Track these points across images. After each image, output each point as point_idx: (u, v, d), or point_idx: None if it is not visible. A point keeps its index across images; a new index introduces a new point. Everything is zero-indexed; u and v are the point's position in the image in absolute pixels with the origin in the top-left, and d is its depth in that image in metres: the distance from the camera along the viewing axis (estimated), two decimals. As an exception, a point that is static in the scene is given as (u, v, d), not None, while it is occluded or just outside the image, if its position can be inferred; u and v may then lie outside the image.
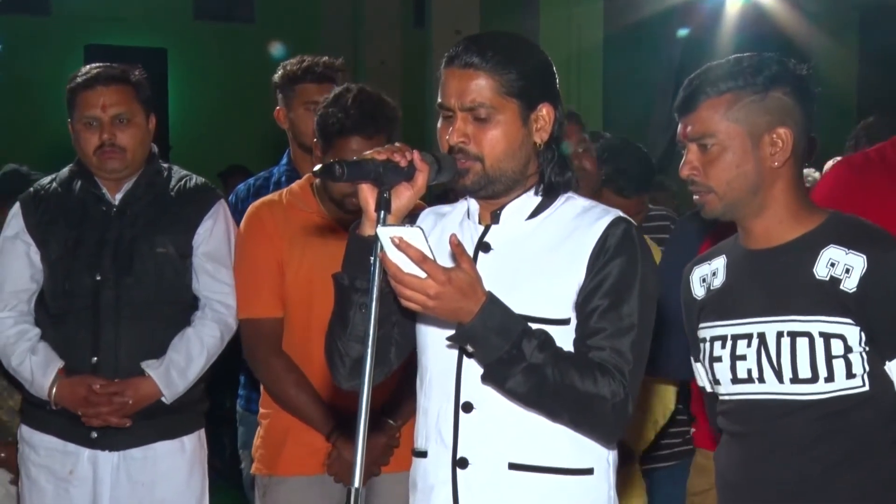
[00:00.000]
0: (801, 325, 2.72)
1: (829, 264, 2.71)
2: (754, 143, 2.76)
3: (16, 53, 8.14)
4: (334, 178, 2.52)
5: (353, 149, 3.83)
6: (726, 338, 2.85)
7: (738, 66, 2.80)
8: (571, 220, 2.77)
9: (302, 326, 3.99)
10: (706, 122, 2.78)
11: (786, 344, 2.74)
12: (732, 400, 2.87)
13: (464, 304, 2.52)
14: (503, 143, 2.71)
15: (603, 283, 2.68)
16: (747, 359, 2.80)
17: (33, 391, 4.02)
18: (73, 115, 4.07)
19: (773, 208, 2.80)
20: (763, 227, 2.82)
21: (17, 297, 4.08)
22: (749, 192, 2.78)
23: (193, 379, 4.05)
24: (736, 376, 2.83)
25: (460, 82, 2.72)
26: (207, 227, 4.11)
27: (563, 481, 2.73)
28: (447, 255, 2.55)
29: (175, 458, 4.07)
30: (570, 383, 2.59)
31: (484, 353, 2.60)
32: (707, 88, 2.79)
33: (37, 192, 4.14)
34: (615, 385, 2.62)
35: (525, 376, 2.58)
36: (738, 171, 2.77)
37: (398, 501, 3.13)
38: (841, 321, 2.69)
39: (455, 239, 2.53)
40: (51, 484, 4.04)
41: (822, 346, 2.70)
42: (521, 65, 2.73)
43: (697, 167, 2.79)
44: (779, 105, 2.77)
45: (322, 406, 3.96)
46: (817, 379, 2.72)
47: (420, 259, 2.45)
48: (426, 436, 2.80)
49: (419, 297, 2.50)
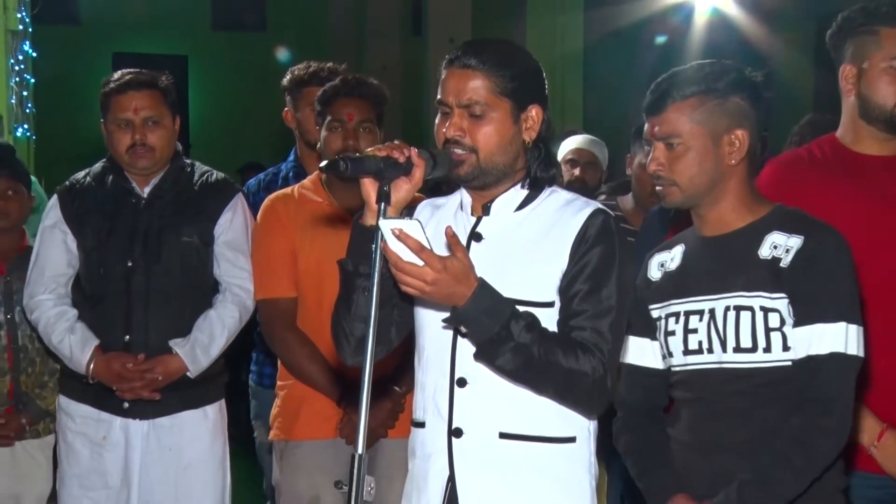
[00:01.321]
0: (745, 300, 2.74)
1: (772, 246, 2.74)
2: (714, 142, 2.78)
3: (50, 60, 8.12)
4: (339, 173, 2.51)
5: (345, 110, 4.01)
6: (680, 314, 2.86)
7: (701, 72, 2.82)
8: (555, 211, 2.77)
9: (314, 305, 3.98)
10: (673, 123, 2.80)
11: (731, 317, 2.75)
12: (684, 370, 2.87)
13: (458, 289, 2.52)
14: (495, 138, 2.71)
15: (584, 269, 2.68)
16: (698, 332, 2.81)
17: (72, 366, 4.02)
18: (107, 116, 4.06)
19: (727, 200, 2.83)
20: (717, 216, 2.84)
21: (55, 281, 4.07)
22: (708, 185, 2.80)
23: (216, 355, 4.05)
24: (687, 348, 2.84)
25: (459, 81, 2.71)
26: (228, 218, 4.11)
27: (548, 449, 2.72)
28: (443, 245, 2.55)
29: (199, 426, 4.07)
30: (554, 360, 2.60)
31: (476, 333, 2.60)
32: (674, 92, 2.81)
33: (72, 185, 4.14)
34: (595, 362, 2.62)
35: (514, 354, 2.58)
36: (699, 167, 2.79)
37: (399, 466, 3.11)
38: (778, 296, 2.71)
39: (450, 230, 2.54)
40: (86, 448, 4.03)
41: (762, 320, 2.72)
42: (515, 68, 2.73)
43: (663, 163, 2.81)
44: (737, 109, 2.80)
45: (332, 375, 3.96)
46: (757, 349, 2.73)
47: (418, 249, 2.45)
48: (424, 408, 2.80)
49: (417, 284, 2.50)
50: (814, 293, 2.69)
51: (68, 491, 4.06)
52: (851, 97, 3.33)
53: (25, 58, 7.25)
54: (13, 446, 4.30)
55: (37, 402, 4.32)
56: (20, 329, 4.29)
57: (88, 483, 4.02)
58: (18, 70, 6.91)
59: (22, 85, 7.09)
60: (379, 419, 3.89)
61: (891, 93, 3.24)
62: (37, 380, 4.33)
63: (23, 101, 7.13)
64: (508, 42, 2.90)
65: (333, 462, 3.94)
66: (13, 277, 4.29)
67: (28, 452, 4.36)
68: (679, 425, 2.89)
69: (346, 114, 4.03)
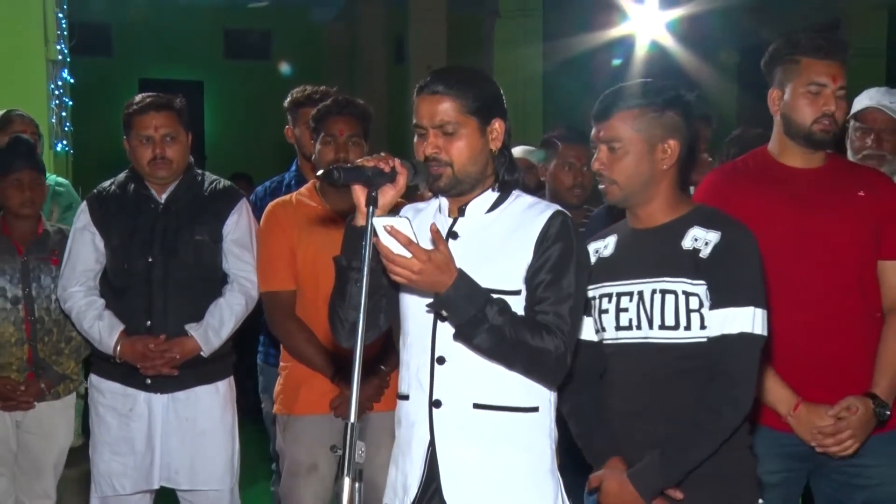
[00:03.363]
0: (670, 284, 2.73)
1: (693, 239, 2.74)
2: (650, 149, 2.78)
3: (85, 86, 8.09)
4: (333, 181, 2.50)
5: (336, 127, 4.01)
6: (612, 294, 2.85)
7: (644, 88, 2.82)
8: (521, 213, 2.75)
9: (311, 295, 3.96)
10: (616, 129, 2.79)
11: (657, 299, 2.75)
12: (615, 344, 2.86)
13: (440, 278, 2.52)
14: (467, 151, 2.70)
15: (546, 262, 2.67)
16: (629, 311, 2.80)
17: (101, 349, 4.00)
18: (130, 133, 4.02)
19: (657, 199, 2.82)
20: (648, 212, 2.84)
21: (85, 275, 4.05)
22: (642, 186, 2.80)
23: (225, 337, 4.03)
24: (619, 324, 2.83)
25: (430, 106, 2.70)
26: (234, 220, 4.08)
27: (515, 417, 2.71)
28: (426, 241, 2.55)
29: (211, 399, 4.05)
30: (522, 339, 2.59)
31: (456, 316, 2.58)
32: (619, 103, 2.80)
33: (99, 192, 4.12)
34: (557, 341, 2.61)
35: (488, 334, 2.57)
36: (636, 169, 2.79)
37: (386, 434, 3.09)
38: (697, 283, 2.70)
39: (434, 227, 2.57)
40: (115, 419, 4.01)
41: (684, 302, 2.72)
42: (477, 89, 2.72)
43: (606, 164, 2.82)
44: (671, 122, 2.80)
45: (327, 356, 3.94)
46: (678, 327, 2.72)
47: (407, 242, 2.45)
48: (408, 383, 2.78)
49: (406, 273, 2.49)
50: (727, 281, 2.68)
51: (100, 456, 4.03)
52: (777, 116, 3.34)
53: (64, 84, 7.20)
54: (35, 408, 4.26)
55: (54, 368, 4.28)
56: (37, 303, 4.25)
57: (118, 449, 4.00)
58: (58, 94, 6.86)
59: (61, 107, 7.04)
60: (367, 394, 3.88)
61: (808, 113, 3.25)
62: (53, 347, 4.28)
63: (62, 121, 7.09)
64: (468, 68, 2.89)
65: (328, 434, 3.91)
66: (30, 258, 4.26)
67: (50, 412, 4.32)
68: (611, 393, 2.87)
69: (337, 130, 4.03)
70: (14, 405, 4.24)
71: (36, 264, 4.26)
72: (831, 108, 3.22)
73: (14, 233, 4.27)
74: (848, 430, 3.18)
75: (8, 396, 4.22)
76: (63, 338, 4.28)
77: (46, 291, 4.25)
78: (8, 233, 4.27)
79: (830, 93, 3.23)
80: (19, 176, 4.24)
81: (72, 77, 7.67)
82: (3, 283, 4.23)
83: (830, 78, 3.23)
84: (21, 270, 4.24)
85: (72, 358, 4.30)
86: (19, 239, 4.28)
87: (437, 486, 2.70)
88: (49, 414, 4.31)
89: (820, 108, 3.23)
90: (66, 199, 5.07)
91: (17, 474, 4.32)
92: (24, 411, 4.27)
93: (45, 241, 4.31)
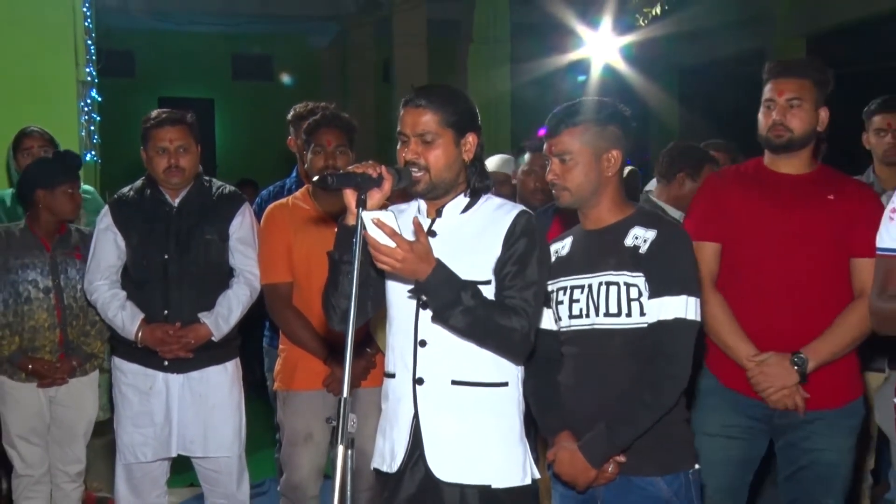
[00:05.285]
0: (613, 277, 2.72)
1: (634, 237, 2.72)
2: (596, 159, 2.77)
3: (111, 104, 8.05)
4: (327, 186, 2.50)
5: (325, 138, 3.98)
6: (567, 287, 2.83)
7: (587, 106, 2.81)
8: (491, 213, 2.75)
9: (305, 287, 3.94)
10: (566, 143, 2.78)
11: (603, 290, 2.73)
12: (570, 330, 2.84)
13: (421, 266, 2.51)
14: (443, 159, 2.69)
15: (513, 255, 2.66)
16: (580, 301, 2.79)
17: (123, 335, 3.97)
18: (147, 145, 3.98)
19: (603, 203, 2.81)
20: (596, 214, 2.82)
21: (109, 271, 4.01)
22: (590, 191, 2.79)
23: (233, 324, 4.00)
24: (571, 313, 2.81)
25: (413, 117, 2.69)
26: (238, 221, 4.04)
27: (488, 391, 2.71)
28: (409, 233, 2.53)
29: (221, 377, 4.01)
30: (493, 320, 2.59)
31: (435, 299, 2.57)
32: (567, 120, 2.79)
33: (120, 198, 4.08)
34: (523, 321, 2.61)
35: (463, 315, 2.56)
36: (585, 178, 2.77)
37: (373, 407, 3.07)
38: (636, 275, 2.69)
39: (417, 221, 2.56)
40: (136, 397, 3.98)
41: (626, 292, 2.70)
42: (454, 105, 2.71)
43: (558, 174, 2.80)
44: (613, 135, 2.79)
45: (320, 340, 3.92)
46: (621, 314, 2.71)
47: (392, 234, 2.45)
48: (394, 363, 2.76)
49: (390, 261, 2.48)
50: (663, 273, 2.67)
51: (124, 428, 4.01)
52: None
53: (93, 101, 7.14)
54: (67, 383, 4.24)
55: (82, 348, 4.26)
56: (65, 292, 4.22)
57: (139, 422, 3.98)
58: (87, 110, 6.80)
59: (90, 122, 6.98)
60: (356, 372, 3.84)
61: (764, 124, 3.35)
62: (81, 330, 4.26)
63: (90, 134, 7.03)
64: (449, 86, 2.87)
65: (322, 407, 3.92)
66: (56, 253, 4.24)
67: (79, 387, 4.29)
68: (565, 373, 2.85)
69: (325, 140, 4.00)
70: (49, 382, 4.21)
71: (62, 259, 4.23)
72: (779, 118, 3.32)
73: (41, 232, 4.25)
74: (763, 380, 3.24)
75: (45, 374, 4.18)
76: (89, 321, 4.26)
77: (73, 282, 4.23)
78: (35, 232, 4.25)
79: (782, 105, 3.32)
80: (72, 186, 4.22)
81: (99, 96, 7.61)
82: (35, 276, 4.20)
83: (778, 93, 3.33)
84: (50, 264, 4.22)
85: (97, 339, 4.28)
86: (46, 237, 4.25)
87: (421, 453, 2.70)
88: (79, 388, 4.28)
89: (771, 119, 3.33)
90: (92, 203, 5.06)
91: (50, 444, 4.30)
92: (57, 387, 4.24)
93: (68, 239, 4.29)
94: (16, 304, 4.17)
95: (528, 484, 2.74)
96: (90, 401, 4.35)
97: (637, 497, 2.71)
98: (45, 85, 6.16)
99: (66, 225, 4.32)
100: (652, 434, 2.68)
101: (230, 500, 4.07)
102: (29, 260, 4.20)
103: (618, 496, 2.73)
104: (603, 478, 2.71)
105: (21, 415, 4.23)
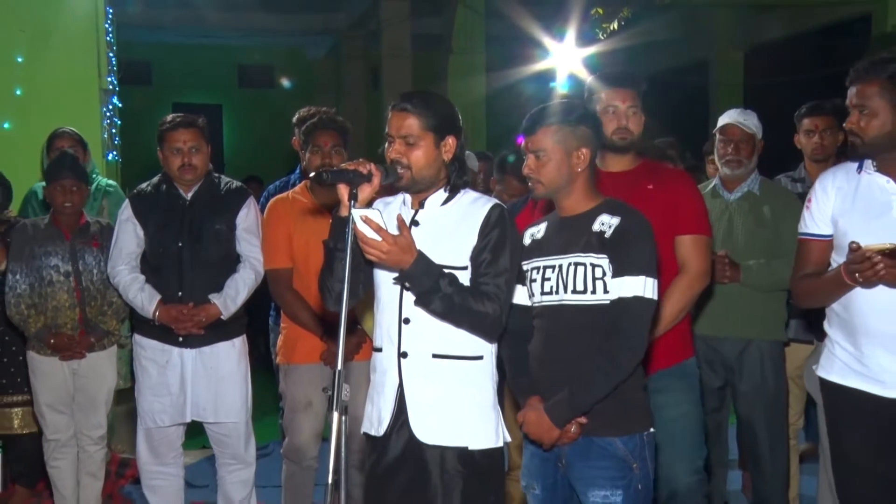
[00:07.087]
0: (581, 258, 2.69)
1: (601, 223, 2.69)
2: (567, 156, 2.74)
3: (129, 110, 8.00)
4: (322, 181, 2.48)
5: (322, 139, 3.96)
6: (540, 267, 2.80)
7: (560, 107, 2.78)
8: (468, 205, 2.72)
9: (304, 272, 3.92)
10: (540, 141, 2.75)
11: (571, 270, 2.70)
12: (541, 306, 2.81)
13: (404, 257, 2.49)
14: (423, 159, 2.67)
15: (488, 244, 2.63)
16: (551, 280, 2.75)
17: (143, 314, 3.96)
18: (163, 145, 3.97)
19: (575, 194, 2.77)
20: (568, 204, 2.79)
21: (129, 257, 4.00)
22: (562, 184, 2.76)
23: (240, 304, 3.98)
24: (543, 290, 2.78)
25: (398, 120, 2.66)
26: (244, 213, 4.02)
27: (465, 364, 2.69)
28: (394, 227, 2.51)
29: (229, 351, 4.00)
30: (468, 305, 2.56)
31: (416, 287, 2.55)
32: (542, 120, 2.76)
33: (138, 192, 4.08)
34: (495, 306, 2.59)
35: (441, 301, 2.54)
36: (557, 172, 2.74)
37: (364, 378, 3.05)
38: (601, 257, 2.66)
39: (400, 217, 2.54)
40: (154, 369, 3.97)
41: (591, 272, 2.67)
42: (436, 110, 2.68)
43: (533, 169, 2.77)
44: (583, 134, 2.76)
45: (317, 319, 3.90)
46: (586, 291, 2.68)
47: (377, 229, 2.44)
48: (381, 339, 2.74)
49: (376, 253, 2.47)
50: (624, 255, 2.64)
51: (143, 397, 4.00)
52: None
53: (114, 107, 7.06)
54: (85, 357, 4.23)
55: (100, 326, 4.25)
56: (83, 276, 4.21)
57: (157, 391, 3.97)
58: (109, 115, 6.74)
59: (111, 125, 6.91)
60: (349, 348, 3.83)
61: (609, 128, 3.31)
62: (98, 310, 4.24)
63: (112, 136, 6.96)
64: (433, 92, 2.84)
65: (320, 378, 3.92)
66: (76, 241, 4.24)
67: (98, 360, 4.27)
68: (535, 343, 2.83)
69: (322, 141, 3.98)
70: (70, 355, 4.21)
71: (81, 247, 4.23)
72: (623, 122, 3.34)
73: (62, 224, 4.26)
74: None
75: (66, 347, 4.18)
76: (105, 302, 4.25)
77: (90, 267, 4.23)
78: (57, 224, 4.26)
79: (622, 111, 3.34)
80: (63, 182, 4.22)
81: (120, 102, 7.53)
82: (56, 262, 4.21)
83: (621, 101, 3.34)
84: (70, 252, 4.22)
85: (113, 318, 4.27)
86: (67, 228, 4.26)
87: (405, 418, 2.68)
88: (98, 361, 4.27)
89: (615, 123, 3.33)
90: (114, 197, 5.08)
91: (74, 411, 4.30)
92: (78, 360, 4.23)
93: (86, 230, 4.28)
94: (40, 286, 4.18)
95: (500, 446, 2.73)
96: (109, 372, 4.33)
97: (597, 455, 2.70)
98: (72, 93, 6.19)
99: (86, 217, 4.32)
100: (611, 399, 2.66)
101: (238, 461, 4.06)
102: (51, 248, 4.21)
103: (579, 454, 2.72)
104: (566, 437, 2.70)
105: (47, 385, 4.23)
